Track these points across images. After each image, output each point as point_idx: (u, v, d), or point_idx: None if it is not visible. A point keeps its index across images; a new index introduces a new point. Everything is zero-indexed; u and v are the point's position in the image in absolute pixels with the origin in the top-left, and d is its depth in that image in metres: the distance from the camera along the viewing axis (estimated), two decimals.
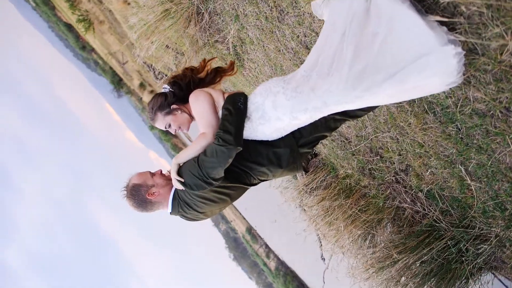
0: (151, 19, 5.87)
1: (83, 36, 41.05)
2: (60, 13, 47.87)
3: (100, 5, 16.10)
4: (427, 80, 2.02)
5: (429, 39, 1.94)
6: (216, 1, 4.84)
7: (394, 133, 3.56)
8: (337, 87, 2.12)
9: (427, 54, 1.95)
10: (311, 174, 5.78)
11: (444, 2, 2.01)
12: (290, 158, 2.48)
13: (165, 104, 2.54)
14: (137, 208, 2.50)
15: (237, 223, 62.90)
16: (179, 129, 2.59)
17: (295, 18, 3.59)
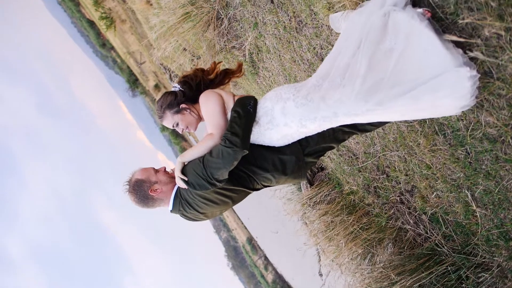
0: (171, 21, 5.94)
1: (104, 34, 41.63)
2: (84, 9, 48.64)
3: (123, 4, 16.33)
4: (440, 101, 2.01)
5: (445, 59, 1.94)
6: (237, 7, 4.88)
7: (403, 152, 3.53)
8: (349, 98, 2.11)
9: (441, 75, 1.95)
10: (315, 187, 5.75)
11: (463, 22, 2.00)
12: (295, 166, 2.46)
13: (175, 102, 2.54)
14: (138, 203, 2.49)
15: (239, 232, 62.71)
16: (186, 128, 2.59)
17: (313, 30, 3.60)
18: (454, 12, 2.03)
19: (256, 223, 28.80)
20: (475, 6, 1.92)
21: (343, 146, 4.55)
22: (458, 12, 2.01)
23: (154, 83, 44.35)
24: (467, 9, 1.96)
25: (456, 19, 2.03)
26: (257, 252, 47.10)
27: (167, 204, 2.50)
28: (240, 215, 47.78)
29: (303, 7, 3.46)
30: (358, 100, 2.09)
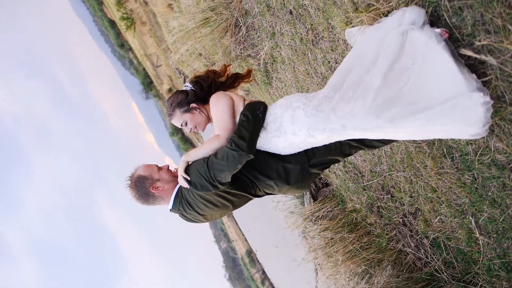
0: (190, 25, 5.99)
1: (124, 34, 42.14)
2: (106, 8, 49.38)
3: (145, 6, 16.53)
4: (450, 125, 2.00)
5: (459, 83, 1.93)
6: (256, 16, 4.91)
7: (409, 173, 3.50)
8: (359, 112, 2.10)
9: (455, 98, 1.94)
10: (319, 202, 5.70)
11: (479, 45, 1.99)
12: (299, 176, 2.44)
13: (185, 101, 2.55)
14: (139, 199, 2.48)
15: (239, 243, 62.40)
16: (195, 128, 2.58)
17: (329, 43, 3.61)
18: (471, 34, 2.03)
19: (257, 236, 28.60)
20: (493, 29, 1.91)
21: (349, 163, 4.53)
22: (475, 33, 2.00)
23: (168, 87, 44.68)
24: (484, 31, 1.95)
25: (473, 40, 2.02)
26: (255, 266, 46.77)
27: (167, 203, 2.49)
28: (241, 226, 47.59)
29: (321, 20, 3.47)
30: (368, 115, 2.08)
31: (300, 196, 6.35)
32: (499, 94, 2.07)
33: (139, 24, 22.84)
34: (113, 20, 48.11)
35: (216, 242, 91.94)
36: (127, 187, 2.48)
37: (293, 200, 6.60)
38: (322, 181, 5.73)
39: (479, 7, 1.90)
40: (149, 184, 2.43)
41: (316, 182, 5.79)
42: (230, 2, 5.34)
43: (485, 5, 1.87)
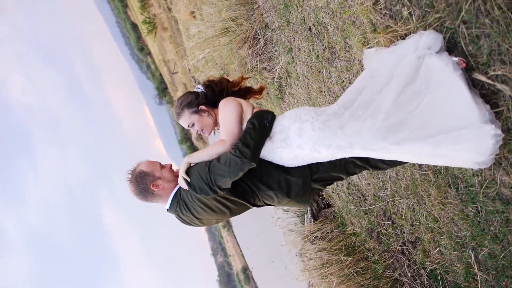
0: (209, 33, 6.06)
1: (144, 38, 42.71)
2: (130, 11, 50.20)
3: (168, 12, 16.76)
4: (458, 153, 1.98)
5: (472, 113, 1.92)
6: (275, 30, 4.95)
7: (412, 201, 3.46)
8: (368, 132, 2.08)
9: (466, 128, 1.92)
10: (319, 223, 5.65)
11: (493, 74, 1.97)
12: (300, 190, 2.42)
13: (195, 102, 2.55)
14: (137, 195, 2.47)
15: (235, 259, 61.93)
16: (201, 131, 2.58)
17: (345, 63, 3.61)
18: (486, 63, 2.01)
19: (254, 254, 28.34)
20: (508, 59, 1.89)
21: (353, 185, 4.49)
22: (490, 63, 1.99)
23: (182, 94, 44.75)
24: (500, 61, 1.94)
25: (487, 69, 2.01)
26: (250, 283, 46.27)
27: (165, 202, 2.48)
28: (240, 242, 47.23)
29: (339, 38, 3.49)
30: (376, 135, 2.06)
31: (301, 214, 6.30)
32: (510, 126, 2.05)
33: (160, 30, 23.14)
34: (136, 24, 48.88)
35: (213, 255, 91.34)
36: (127, 180, 2.47)
37: (293, 218, 6.54)
38: (325, 201, 5.69)
39: (497, 36, 1.90)
40: (150, 181, 2.42)
41: (318, 202, 5.75)
42: (251, 14, 5.40)
43: (503, 35, 1.87)
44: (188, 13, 9.60)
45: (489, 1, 1.85)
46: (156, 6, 21.24)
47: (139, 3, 25.88)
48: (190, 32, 7.00)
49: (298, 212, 6.40)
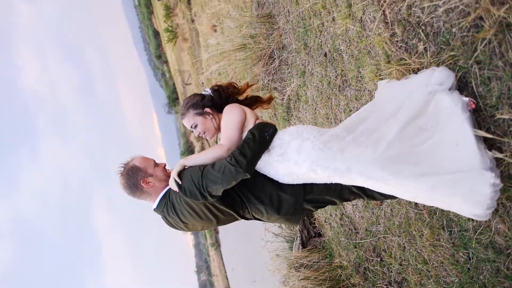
0: (227, 47, 6.12)
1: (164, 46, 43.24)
2: (155, 19, 51.03)
3: (190, 23, 17.01)
4: (454, 198, 1.95)
5: (473, 158, 1.90)
6: (291, 52, 4.99)
7: (404, 240, 3.40)
8: (367, 159, 2.06)
9: (465, 172, 1.90)
10: (307, 251, 5.56)
11: (500, 118, 1.96)
12: (291, 208, 2.38)
13: (200, 104, 2.55)
14: (126, 189, 2.43)
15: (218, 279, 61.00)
16: (203, 133, 2.56)
17: (355, 92, 3.61)
18: (494, 105, 2.00)
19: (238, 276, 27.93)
20: None
21: (346, 217, 4.43)
22: (498, 106, 1.98)
23: None
24: (508, 105, 1.92)
25: (495, 112, 2.00)
26: None
27: (153, 201, 2.44)
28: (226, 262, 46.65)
29: (353, 67, 3.50)
30: (375, 164, 2.04)
31: (290, 240, 6.22)
32: (511, 173, 2.02)
33: (180, 40, 23.42)
34: (158, 31, 49.63)
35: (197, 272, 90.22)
36: (118, 173, 2.44)
37: (282, 243, 6.46)
38: (316, 230, 5.61)
39: (508, 80, 1.89)
40: (141, 177, 2.39)
41: (309, 230, 5.67)
42: (271, 33, 5.45)
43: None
44: (210, 26, 9.73)
45: (504, 44, 1.84)
46: (181, 16, 21.55)
47: (164, 11, 26.32)
48: (209, 42, 7.07)
49: (287, 238, 6.32)
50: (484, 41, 1.94)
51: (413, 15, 2.43)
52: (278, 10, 5.23)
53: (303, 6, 4.29)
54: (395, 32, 2.66)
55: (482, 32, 1.91)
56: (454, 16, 2.10)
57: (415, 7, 2.38)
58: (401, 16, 2.56)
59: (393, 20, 2.65)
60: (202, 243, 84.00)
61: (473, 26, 1.99)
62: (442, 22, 2.20)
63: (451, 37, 2.17)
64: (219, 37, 7.04)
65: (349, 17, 3.29)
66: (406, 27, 2.54)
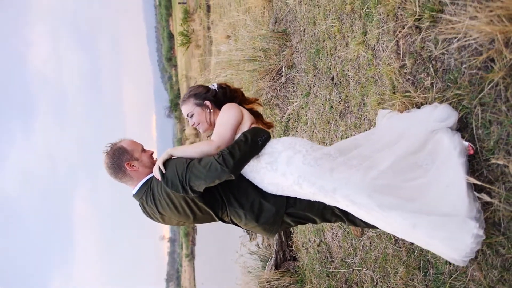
0: (237, 56, 6.13)
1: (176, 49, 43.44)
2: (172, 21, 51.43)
3: (206, 31, 17.14)
4: (434, 240, 1.93)
5: (461, 205, 1.89)
6: (299, 72, 5.00)
7: (378, 275, 3.33)
8: (355, 183, 2.02)
9: (449, 216, 1.89)
10: (279, 273, 5.48)
11: (495, 163, 1.94)
12: (270, 218, 2.34)
13: (203, 95, 2.52)
14: (109, 169, 2.38)
15: None
16: (197, 125, 2.53)
17: (355, 119, 3.60)
18: (491, 150, 1.98)
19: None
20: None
21: (325, 244, 4.37)
22: (495, 151, 1.96)
23: None
24: (505, 151, 1.90)
25: (490, 157, 1.98)
26: None
27: (133, 186, 2.40)
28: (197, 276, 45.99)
29: (357, 94, 3.49)
30: (362, 191, 2.00)
31: (264, 259, 6.13)
32: (496, 221, 1.98)
33: (193, 46, 23.51)
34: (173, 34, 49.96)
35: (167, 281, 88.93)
36: (104, 151, 2.40)
37: (256, 261, 6.37)
38: (292, 253, 5.53)
39: (509, 125, 1.87)
40: (126, 159, 2.35)
41: (285, 252, 5.60)
42: (283, 50, 5.48)
43: None
44: (224, 35, 9.78)
45: (511, 89, 1.83)
46: (198, 22, 21.68)
47: (183, 15, 26.49)
48: (220, 49, 7.09)
49: (262, 256, 6.24)
50: (491, 83, 1.93)
51: (425, 49, 2.43)
52: (294, 28, 5.26)
53: (319, 27, 4.31)
54: (405, 64, 2.66)
55: (491, 74, 1.91)
56: (466, 54, 2.10)
57: (429, 41, 2.39)
58: (413, 48, 2.56)
59: (405, 51, 2.65)
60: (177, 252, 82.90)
61: (483, 66, 1.99)
62: (453, 60, 2.20)
63: (459, 75, 2.17)
64: (231, 46, 7.07)
65: (362, 44, 3.30)
66: (417, 60, 2.54)
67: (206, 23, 17.66)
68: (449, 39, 2.21)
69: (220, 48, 7.06)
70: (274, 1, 6.29)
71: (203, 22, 19.09)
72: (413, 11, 2.47)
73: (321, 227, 4.40)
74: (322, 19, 4.25)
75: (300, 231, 5.16)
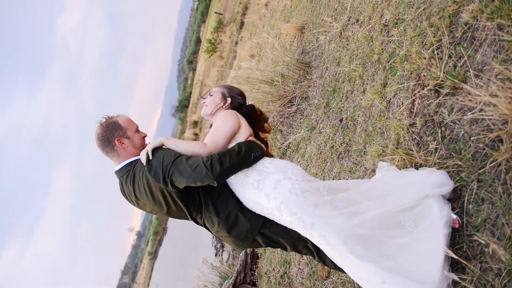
0: (256, 75, 6.18)
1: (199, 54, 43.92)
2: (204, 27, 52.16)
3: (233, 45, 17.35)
4: None
5: (434, 274, 1.87)
6: (311, 105, 5.03)
7: None
8: (334, 225, 2.01)
9: (421, 283, 1.86)
10: None
11: (477, 240, 1.92)
12: (242, 233, 2.33)
13: (233, 95, 2.60)
14: (99, 140, 2.37)
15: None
16: (206, 105, 2.59)
17: (351, 164, 3.60)
18: (477, 227, 1.97)
19: None
20: (498, 234, 1.85)
21: (287, 277, 4.30)
22: (480, 229, 1.95)
23: (195, 119, 45.50)
24: (490, 231, 1.89)
25: (474, 234, 1.96)
26: None
27: (118, 162, 2.38)
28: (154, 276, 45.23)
29: (360, 141, 3.50)
30: (339, 235, 1.98)
31: (224, 277, 6.04)
32: None
33: (216, 55, 23.75)
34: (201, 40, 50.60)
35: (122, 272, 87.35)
36: (98, 122, 2.39)
37: (215, 277, 6.28)
38: (253, 278, 5.45)
39: (500, 208, 1.87)
40: (118, 135, 2.34)
41: (246, 275, 5.50)
42: (301, 81, 5.53)
43: (506, 210, 1.84)
44: (249, 53, 9.89)
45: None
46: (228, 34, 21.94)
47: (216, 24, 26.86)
48: (241, 64, 7.15)
49: (222, 274, 6.15)
50: (494, 162, 1.94)
51: (439, 114, 2.45)
52: (318, 63, 5.32)
53: (342, 68, 4.36)
54: (415, 123, 2.67)
55: (496, 153, 1.91)
56: (476, 128, 2.11)
57: (444, 107, 2.41)
58: (427, 110, 2.58)
59: (419, 111, 2.67)
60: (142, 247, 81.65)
61: (490, 144, 2.00)
62: (462, 130, 2.22)
63: (464, 147, 2.17)
64: (253, 64, 7.14)
65: (379, 94, 3.33)
66: (427, 122, 2.56)
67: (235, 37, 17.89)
68: (464, 110, 2.23)
69: (241, 64, 7.12)
70: (306, 34, 6.38)
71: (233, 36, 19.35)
72: (437, 76, 2.50)
73: (289, 259, 4.35)
74: (347, 62, 4.30)
75: (267, 258, 5.09)
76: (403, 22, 3.22)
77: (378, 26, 3.75)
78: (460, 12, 2.47)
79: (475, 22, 2.30)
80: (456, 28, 2.48)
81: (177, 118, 63.65)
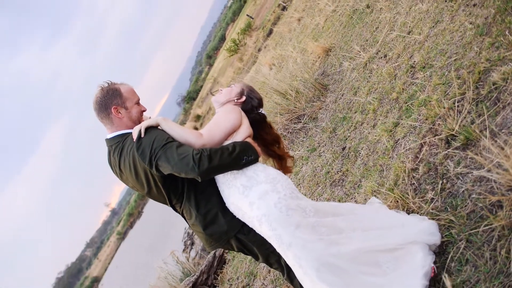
0: (271, 84, 6.15)
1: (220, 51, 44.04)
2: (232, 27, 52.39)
3: (256, 51, 17.40)
4: None
5: None
6: (318, 127, 4.99)
7: None
8: (311, 250, 1.95)
9: None
10: None
11: None
12: (217, 233, 2.26)
13: (250, 96, 2.54)
14: (96, 103, 2.30)
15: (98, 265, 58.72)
16: (220, 92, 2.55)
17: (343, 194, 3.55)
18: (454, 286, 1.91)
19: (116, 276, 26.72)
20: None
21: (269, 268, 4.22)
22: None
23: (199, 114, 45.52)
24: None
25: None
26: None
27: (110, 131, 2.30)
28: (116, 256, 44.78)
29: (358, 173, 3.45)
30: (314, 261, 1.93)
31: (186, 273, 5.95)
32: None
33: (237, 57, 23.81)
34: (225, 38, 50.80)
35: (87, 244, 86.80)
36: (100, 85, 2.32)
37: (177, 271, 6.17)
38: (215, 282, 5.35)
39: (483, 273, 1.81)
40: (116, 103, 2.26)
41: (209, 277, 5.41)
42: (314, 101, 5.49)
43: (488, 277, 1.78)
44: (270, 62, 9.88)
45: (504, 241, 1.79)
46: (253, 39, 21.98)
47: (244, 26, 26.99)
48: (260, 70, 7.13)
49: (185, 270, 6.05)
50: (488, 226, 1.88)
51: (444, 166, 2.40)
52: (335, 88, 5.29)
53: (358, 98, 4.33)
54: (418, 169, 2.63)
55: (493, 217, 1.86)
56: (478, 189, 2.06)
57: (451, 160, 2.36)
58: (433, 159, 2.54)
59: (424, 158, 2.63)
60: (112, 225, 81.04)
61: (488, 207, 1.95)
62: (464, 188, 2.17)
63: (461, 205, 2.12)
64: (271, 73, 7.11)
65: (388, 132, 3.29)
66: (430, 171, 2.51)
67: (260, 43, 17.93)
68: (470, 167, 2.18)
69: (260, 69, 7.10)
70: (331, 57, 6.37)
71: (258, 42, 19.40)
72: (452, 127, 2.46)
73: (255, 272, 4.27)
74: (365, 93, 4.26)
75: (234, 265, 5.01)
76: (431, 68, 3.19)
77: (404, 66, 3.72)
78: (491, 70, 2.44)
79: (504, 84, 2.27)
80: (483, 85, 2.45)
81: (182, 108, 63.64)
